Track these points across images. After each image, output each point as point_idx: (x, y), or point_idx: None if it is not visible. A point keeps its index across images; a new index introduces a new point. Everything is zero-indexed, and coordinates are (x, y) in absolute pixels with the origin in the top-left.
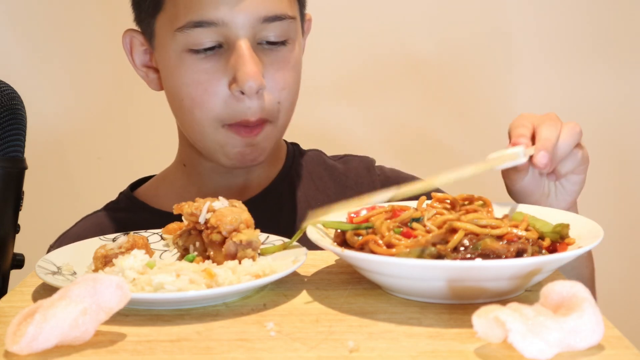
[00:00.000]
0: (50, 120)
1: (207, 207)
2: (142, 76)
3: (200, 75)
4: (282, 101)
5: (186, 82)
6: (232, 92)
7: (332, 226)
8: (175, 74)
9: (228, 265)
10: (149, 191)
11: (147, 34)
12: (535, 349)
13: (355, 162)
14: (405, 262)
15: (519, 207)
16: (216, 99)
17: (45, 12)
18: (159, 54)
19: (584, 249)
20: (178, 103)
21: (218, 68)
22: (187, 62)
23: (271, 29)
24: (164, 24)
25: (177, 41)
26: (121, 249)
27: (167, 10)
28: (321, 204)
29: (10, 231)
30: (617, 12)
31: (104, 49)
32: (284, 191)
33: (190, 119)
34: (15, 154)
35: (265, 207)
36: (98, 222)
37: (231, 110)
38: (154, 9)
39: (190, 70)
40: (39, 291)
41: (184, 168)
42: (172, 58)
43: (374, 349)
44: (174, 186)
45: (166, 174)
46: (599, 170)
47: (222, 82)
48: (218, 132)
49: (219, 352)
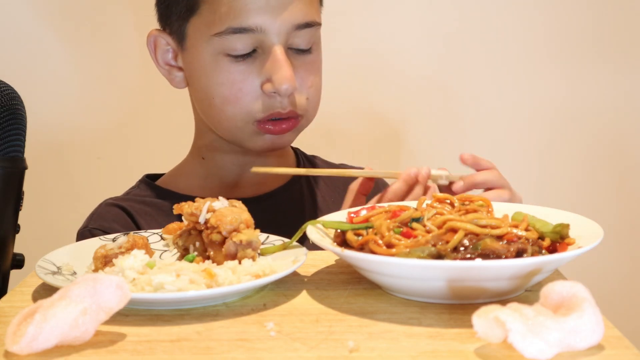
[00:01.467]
0: (50, 120)
1: (207, 207)
2: (164, 74)
3: (235, 76)
4: (311, 97)
5: (220, 82)
6: (264, 91)
7: (332, 226)
8: (208, 74)
9: (228, 265)
10: (169, 181)
11: (177, 35)
12: (535, 349)
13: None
14: (405, 262)
15: (519, 207)
16: (249, 97)
17: (45, 12)
18: (189, 54)
19: (584, 249)
20: (208, 101)
21: (252, 70)
22: (222, 64)
23: (301, 35)
24: (198, 28)
25: (213, 45)
26: (121, 249)
27: (203, 15)
28: (334, 200)
29: (10, 231)
30: (617, 13)
31: (104, 49)
32: (303, 184)
33: (220, 114)
34: (15, 154)
35: (288, 198)
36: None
37: (263, 106)
38: (188, 12)
39: (225, 71)
40: (39, 291)
41: (203, 161)
42: (206, 60)
43: (374, 349)
44: (194, 177)
45: (182, 166)
46: (599, 171)
47: (255, 83)
48: (249, 126)
49: (219, 352)
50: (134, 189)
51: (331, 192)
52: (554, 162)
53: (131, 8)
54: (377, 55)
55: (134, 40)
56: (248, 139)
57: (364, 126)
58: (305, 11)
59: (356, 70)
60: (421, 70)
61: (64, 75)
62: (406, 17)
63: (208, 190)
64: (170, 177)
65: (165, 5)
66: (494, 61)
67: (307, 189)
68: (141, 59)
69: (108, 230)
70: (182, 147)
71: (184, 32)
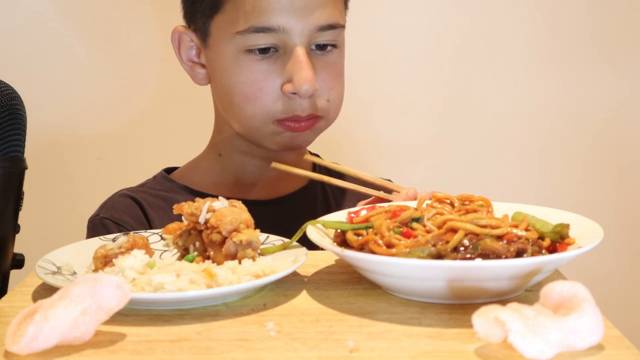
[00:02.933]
0: (50, 120)
1: (207, 207)
2: (187, 70)
3: (256, 75)
4: (332, 99)
5: (241, 80)
6: (284, 92)
7: (332, 226)
8: (230, 72)
9: (228, 265)
10: (184, 176)
11: (201, 32)
12: (535, 349)
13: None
14: (405, 262)
15: (519, 207)
16: (269, 97)
17: (45, 12)
18: (212, 52)
19: (584, 249)
20: (229, 99)
21: (273, 70)
22: (244, 62)
23: (324, 36)
24: (221, 25)
25: (236, 43)
26: (121, 249)
27: (227, 13)
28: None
29: (10, 231)
30: (618, 13)
31: (104, 49)
32: (318, 192)
33: (240, 113)
34: (15, 154)
35: (301, 203)
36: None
37: (283, 107)
38: (212, 10)
39: (247, 70)
40: (39, 291)
41: (220, 158)
42: (228, 57)
43: (374, 349)
44: (210, 173)
45: (198, 162)
46: (599, 171)
47: (276, 83)
48: (268, 126)
49: (219, 352)
50: (150, 180)
51: (346, 201)
52: (554, 162)
53: (133, 9)
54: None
55: (135, 40)
56: (267, 137)
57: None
58: (329, 13)
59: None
60: (421, 70)
61: (64, 75)
62: (407, 19)
63: (222, 187)
64: (185, 171)
65: (190, 2)
66: (494, 61)
67: (321, 195)
68: (142, 59)
69: (118, 221)
70: (183, 147)
71: (208, 29)
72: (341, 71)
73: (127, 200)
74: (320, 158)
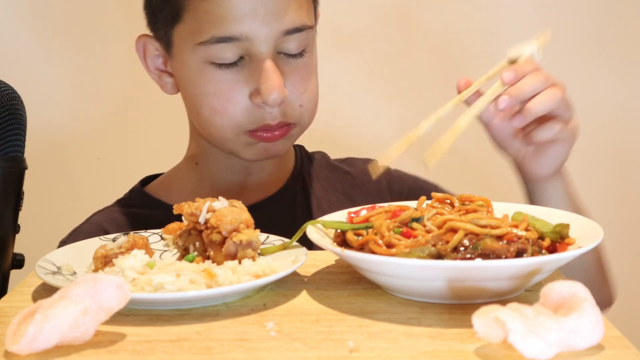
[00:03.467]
0: (50, 120)
1: (207, 207)
2: (155, 79)
3: (223, 86)
4: (304, 104)
5: (207, 92)
6: (253, 102)
7: (332, 226)
8: (195, 84)
9: (228, 265)
10: (160, 188)
11: (164, 41)
12: (535, 349)
13: (359, 163)
14: (405, 262)
15: (519, 207)
16: (237, 108)
17: (45, 12)
18: (176, 62)
19: (584, 249)
20: (197, 110)
21: (240, 79)
22: (208, 73)
23: (291, 40)
24: (183, 36)
25: (198, 54)
26: (121, 249)
27: (187, 22)
28: (330, 204)
29: (10, 231)
30: (617, 13)
31: (104, 49)
32: (297, 191)
33: (209, 125)
34: (15, 154)
35: (281, 206)
36: (113, 217)
37: (252, 118)
38: (172, 19)
39: (212, 81)
40: (39, 291)
41: (196, 166)
42: (192, 68)
43: (374, 349)
44: (187, 183)
45: (176, 171)
46: (599, 170)
47: (243, 92)
48: (239, 137)
49: (219, 352)
50: (126, 195)
51: (328, 195)
52: None
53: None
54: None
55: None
56: (240, 149)
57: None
58: (295, 16)
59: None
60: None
61: (64, 75)
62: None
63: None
64: (163, 183)
65: (151, 10)
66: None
67: (301, 195)
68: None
69: None
70: (183, 148)
71: (170, 38)
72: (312, 73)
73: (94, 227)
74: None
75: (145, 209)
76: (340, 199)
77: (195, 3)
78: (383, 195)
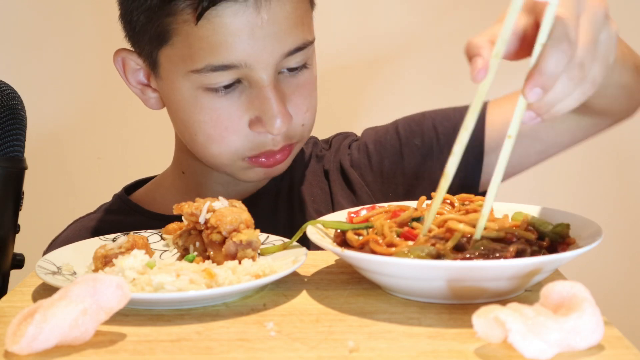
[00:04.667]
0: (50, 120)
1: (207, 207)
2: (137, 94)
3: (220, 113)
4: (306, 123)
5: (203, 120)
6: (254, 130)
7: (332, 226)
8: (189, 111)
9: (228, 265)
10: (144, 196)
11: (148, 60)
12: (535, 349)
13: (336, 144)
14: (405, 262)
15: (519, 207)
16: (236, 136)
17: (45, 12)
18: (165, 84)
19: (584, 249)
20: (190, 136)
21: (239, 105)
22: (204, 101)
23: (293, 59)
24: (172, 60)
25: (191, 80)
26: (121, 249)
27: (177, 47)
28: (313, 198)
29: (10, 231)
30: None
31: (104, 49)
32: (281, 190)
33: (204, 151)
34: (15, 154)
35: (261, 207)
36: (89, 226)
37: (253, 145)
38: (158, 41)
39: (208, 109)
40: (39, 291)
41: (183, 175)
42: (184, 95)
43: (374, 349)
44: (171, 192)
45: (162, 179)
46: (599, 170)
47: (243, 120)
48: (237, 162)
49: (219, 352)
50: (108, 203)
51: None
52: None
53: None
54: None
55: None
56: (238, 172)
57: None
58: (296, 34)
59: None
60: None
61: (64, 75)
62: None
63: None
64: (148, 190)
65: (131, 26)
66: None
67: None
68: None
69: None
70: None
71: (156, 59)
72: (313, 87)
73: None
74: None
75: (125, 215)
76: (324, 191)
77: (187, 28)
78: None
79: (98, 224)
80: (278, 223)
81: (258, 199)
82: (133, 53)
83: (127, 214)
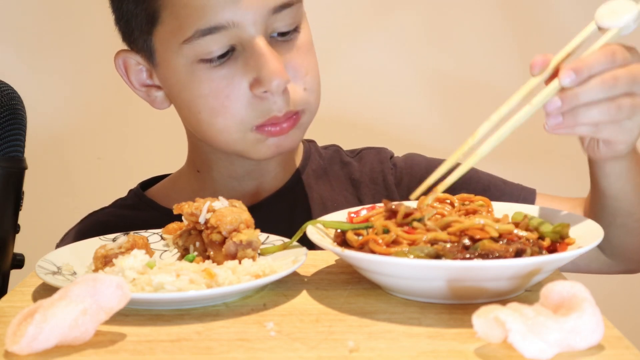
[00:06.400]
0: (50, 120)
1: (207, 207)
2: (143, 96)
3: (218, 83)
4: (309, 86)
5: (203, 94)
6: (255, 94)
7: (332, 226)
8: (188, 87)
9: (228, 265)
10: (160, 192)
11: (144, 51)
12: (535, 349)
13: (370, 157)
14: (405, 262)
15: (519, 207)
16: (239, 103)
17: (46, 13)
18: (163, 70)
19: (584, 249)
20: (195, 117)
21: (236, 72)
22: (200, 73)
23: (281, 18)
24: (164, 38)
25: (185, 53)
26: (121, 249)
27: (166, 22)
28: (336, 205)
29: (10, 231)
30: None
31: (104, 49)
32: (298, 192)
33: (211, 129)
34: (15, 153)
35: (278, 209)
36: (103, 220)
37: (257, 112)
38: (149, 23)
39: (206, 81)
40: (39, 291)
41: (198, 174)
42: (181, 72)
43: (374, 349)
44: (187, 190)
45: (177, 178)
46: None
47: (242, 86)
48: (247, 135)
49: (219, 352)
50: (123, 198)
51: (335, 195)
52: (553, 162)
53: None
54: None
55: None
56: (249, 148)
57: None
58: None
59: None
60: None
61: (64, 75)
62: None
63: None
64: (163, 188)
65: (125, 21)
66: (492, 61)
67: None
68: None
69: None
70: (183, 148)
71: (151, 46)
72: (310, 50)
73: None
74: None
75: (139, 210)
76: (347, 199)
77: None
78: (390, 192)
79: (112, 218)
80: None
81: (276, 199)
82: (131, 52)
83: (142, 209)
